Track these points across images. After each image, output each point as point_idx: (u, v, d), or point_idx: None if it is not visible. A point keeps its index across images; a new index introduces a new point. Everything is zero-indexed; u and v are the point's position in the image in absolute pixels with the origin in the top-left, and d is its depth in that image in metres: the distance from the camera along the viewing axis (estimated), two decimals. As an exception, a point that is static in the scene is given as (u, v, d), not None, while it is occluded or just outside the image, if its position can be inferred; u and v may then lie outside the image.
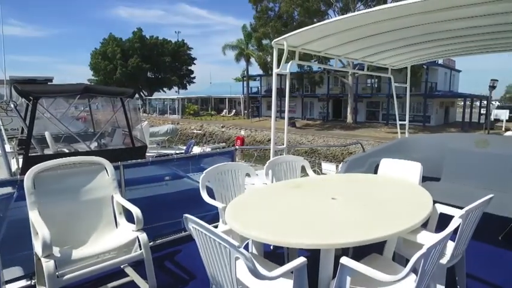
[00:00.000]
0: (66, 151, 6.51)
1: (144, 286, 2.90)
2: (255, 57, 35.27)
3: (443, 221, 2.35)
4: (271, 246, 3.39)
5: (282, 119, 5.06)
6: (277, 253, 3.38)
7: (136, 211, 2.81)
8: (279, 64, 4.33)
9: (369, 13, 3.46)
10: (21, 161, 5.70)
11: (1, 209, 3.27)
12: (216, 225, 3.03)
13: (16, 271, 3.04)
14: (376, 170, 3.82)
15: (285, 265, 1.81)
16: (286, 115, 4.94)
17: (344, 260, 1.89)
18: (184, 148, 14.48)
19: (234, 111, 47.35)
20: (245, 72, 42.08)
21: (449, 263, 2.38)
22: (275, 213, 2.57)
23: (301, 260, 1.83)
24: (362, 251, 2.37)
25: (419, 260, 1.66)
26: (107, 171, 3.14)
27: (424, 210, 2.41)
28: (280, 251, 3.33)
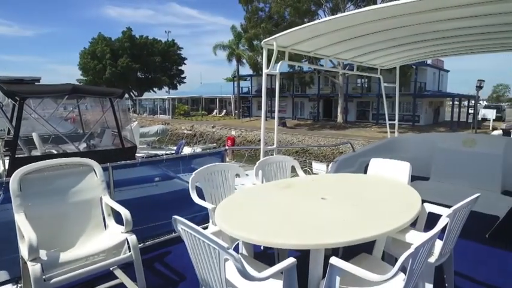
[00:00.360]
0: (55, 152, 6.42)
1: (133, 288, 2.87)
2: (246, 57, 35.22)
3: (432, 220, 2.37)
4: (262, 247, 3.38)
5: (272, 119, 5.05)
6: (268, 253, 3.38)
7: (125, 213, 2.79)
8: (268, 64, 4.33)
9: (358, 14, 3.48)
10: (7, 162, 5.60)
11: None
12: (207, 226, 3.03)
13: (2, 275, 2.99)
14: (365, 169, 3.84)
15: (275, 266, 1.81)
16: (276, 115, 4.95)
17: (333, 260, 1.89)
18: (175, 148, 14.41)
19: (224, 111, 47.27)
20: (236, 72, 42.02)
21: (438, 261, 2.40)
22: (265, 213, 2.57)
23: (290, 260, 1.83)
24: (352, 251, 2.38)
25: (407, 259, 1.67)
26: (95, 173, 3.10)
27: (413, 210, 2.42)
28: (270, 251, 3.33)
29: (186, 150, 14.52)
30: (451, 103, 36.16)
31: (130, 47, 49.85)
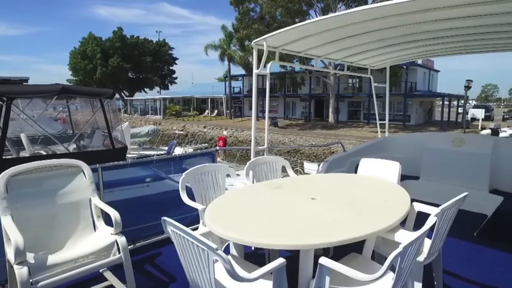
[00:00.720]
0: (43, 153, 6.35)
1: (123, 290, 2.85)
2: (237, 57, 35.15)
3: (421, 219, 2.39)
4: (252, 247, 3.38)
5: (264, 119, 5.06)
6: (259, 254, 3.38)
7: (114, 214, 2.76)
8: (259, 65, 4.33)
9: (348, 14, 3.49)
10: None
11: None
12: (197, 227, 3.02)
13: None
14: (356, 169, 3.86)
15: (264, 267, 1.81)
16: (266, 115, 4.95)
17: (323, 260, 1.90)
18: (166, 149, 14.35)
19: (216, 111, 47.18)
20: (227, 72, 41.95)
21: (427, 260, 2.43)
22: (255, 214, 2.57)
23: (280, 261, 1.83)
24: (343, 250, 2.39)
25: (395, 258, 1.68)
26: (84, 174, 3.07)
27: (402, 210, 2.44)
28: (261, 251, 3.33)
29: (178, 150, 14.49)
30: (441, 103, 36.54)
31: (121, 46, 49.51)
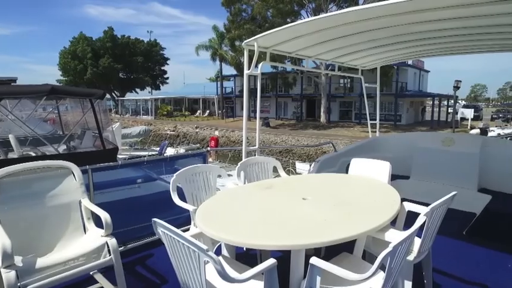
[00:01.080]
0: (33, 154, 6.28)
1: (113, 292, 2.83)
2: (228, 58, 35.09)
3: (411, 218, 2.41)
4: (244, 248, 3.38)
5: (256, 119, 5.06)
6: (250, 254, 3.38)
7: (105, 216, 2.73)
8: (250, 65, 4.33)
9: (338, 15, 3.50)
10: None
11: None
12: (189, 228, 3.01)
13: None
14: (347, 169, 3.88)
15: (255, 267, 1.81)
16: (257, 116, 4.95)
17: (313, 260, 1.90)
18: (158, 149, 14.29)
19: (208, 111, 47.08)
20: (219, 72, 41.87)
21: (416, 259, 2.45)
22: (246, 214, 2.57)
23: (271, 261, 1.83)
24: (334, 250, 2.40)
25: (385, 258, 1.70)
26: (74, 176, 3.04)
27: (392, 209, 2.46)
28: (253, 252, 3.32)
29: (169, 151, 14.44)
30: (431, 103, 36.94)
31: (112, 46, 49.14)
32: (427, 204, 2.32)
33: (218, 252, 2.82)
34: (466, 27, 3.85)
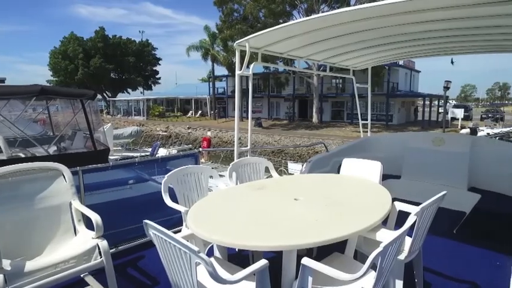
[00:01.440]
0: (22, 156, 6.20)
1: (105, 295, 2.81)
2: (220, 58, 35.02)
3: (402, 218, 2.43)
4: (236, 249, 3.37)
5: (248, 119, 5.06)
6: (243, 255, 3.37)
7: (95, 218, 2.71)
8: (242, 66, 4.33)
9: (330, 15, 3.52)
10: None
11: None
12: (181, 229, 2.99)
13: None
14: (339, 169, 3.90)
15: (246, 268, 1.81)
16: (249, 117, 4.95)
17: (305, 260, 1.91)
18: (150, 150, 14.21)
19: (200, 112, 46.96)
20: (211, 72, 41.77)
21: (407, 258, 2.47)
22: (237, 215, 2.56)
23: (262, 262, 1.83)
24: (326, 250, 2.41)
25: (376, 257, 1.71)
26: (64, 177, 3.01)
27: (383, 209, 2.48)
28: (245, 253, 3.32)
29: (162, 151, 14.36)
30: (422, 103, 37.28)
31: (104, 47, 48.77)
32: (418, 204, 2.33)
33: (210, 253, 2.81)
34: (456, 29, 3.89)
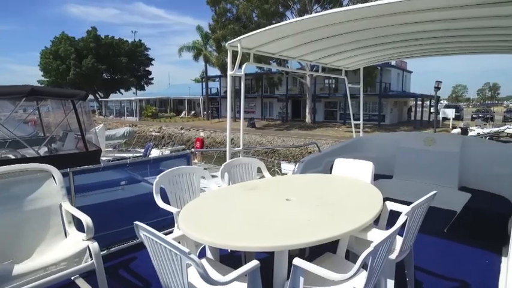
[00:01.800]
0: (12, 157, 6.12)
1: (95, 297, 2.78)
2: (213, 59, 34.91)
3: (394, 217, 2.43)
4: (229, 250, 3.36)
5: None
6: (235, 256, 3.36)
7: (86, 219, 2.69)
8: (234, 66, 4.32)
9: (322, 16, 3.52)
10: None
11: None
12: (173, 230, 2.98)
13: None
14: (331, 169, 3.91)
15: (238, 269, 1.80)
16: (241, 117, 4.95)
17: (296, 261, 1.91)
18: (142, 151, 14.13)
19: (193, 112, 46.84)
20: (204, 73, 41.66)
21: (398, 258, 2.48)
22: (229, 216, 2.56)
23: (254, 263, 1.83)
24: (318, 250, 2.41)
25: (367, 257, 1.71)
26: (54, 179, 2.98)
27: (374, 209, 2.49)
28: (237, 253, 3.31)
29: (154, 152, 14.27)
30: (414, 103, 37.57)
31: (96, 47, 48.47)
32: (409, 203, 2.35)
33: (202, 254, 2.80)
34: (448, 30, 3.92)
